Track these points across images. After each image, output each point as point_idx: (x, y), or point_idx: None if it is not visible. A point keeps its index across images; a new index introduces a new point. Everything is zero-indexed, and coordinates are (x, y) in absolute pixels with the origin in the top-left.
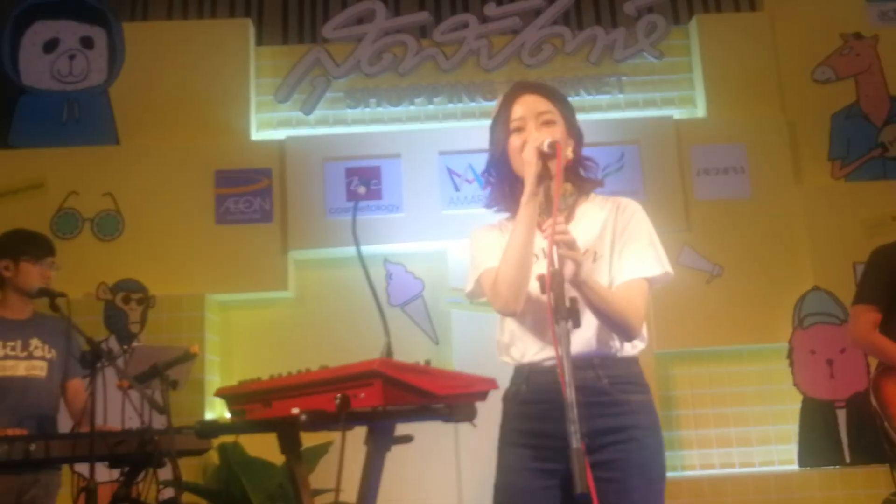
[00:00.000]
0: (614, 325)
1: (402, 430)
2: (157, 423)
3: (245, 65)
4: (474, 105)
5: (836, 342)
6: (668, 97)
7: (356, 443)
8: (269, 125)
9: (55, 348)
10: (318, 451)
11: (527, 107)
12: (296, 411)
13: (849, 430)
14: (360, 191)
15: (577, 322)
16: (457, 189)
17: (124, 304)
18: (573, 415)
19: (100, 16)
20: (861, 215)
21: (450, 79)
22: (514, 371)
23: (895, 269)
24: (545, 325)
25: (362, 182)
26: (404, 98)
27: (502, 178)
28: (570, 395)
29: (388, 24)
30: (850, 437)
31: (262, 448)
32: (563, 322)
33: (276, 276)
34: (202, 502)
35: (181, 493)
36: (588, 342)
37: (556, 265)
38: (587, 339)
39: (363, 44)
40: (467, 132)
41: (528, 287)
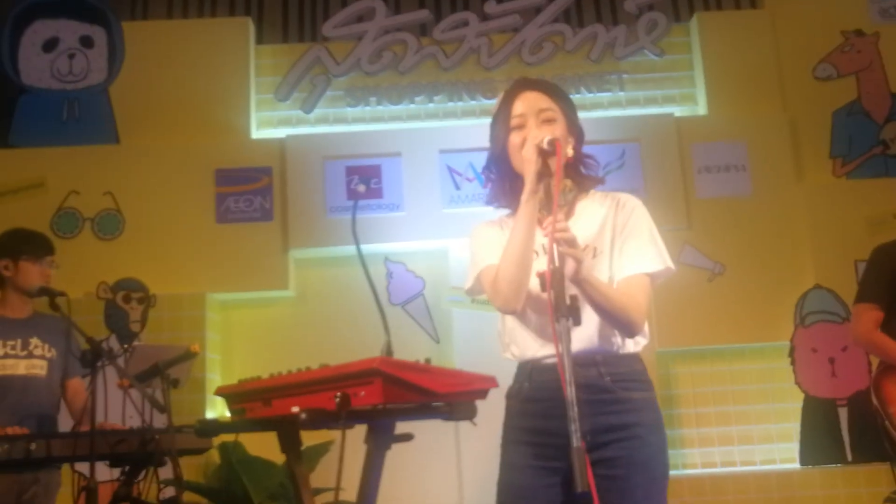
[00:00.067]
0: (616, 322)
1: (402, 428)
2: (158, 421)
3: (245, 63)
4: (475, 103)
5: (838, 340)
6: (668, 95)
7: (357, 441)
8: (269, 124)
9: (55, 347)
10: (318, 450)
11: (528, 104)
12: (296, 410)
13: (850, 428)
14: (361, 189)
15: (578, 320)
16: (457, 187)
17: (125, 304)
18: (574, 413)
19: (99, 15)
20: (863, 213)
21: (450, 77)
22: (517, 368)
23: None
24: (546, 323)
25: (363, 181)
26: (405, 96)
27: (503, 175)
28: (570, 394)
29: (389, 23)
30: (851, 436)
31: (262, 447)
32: (564, 320)
33: (276, 275)
34: (203, 501)
35: (182, 492)
36: (590, 339)
37: (557, 263)
38: (589, 335)
39: (363, 42)
40: (468, 130)
41: (528, 285)
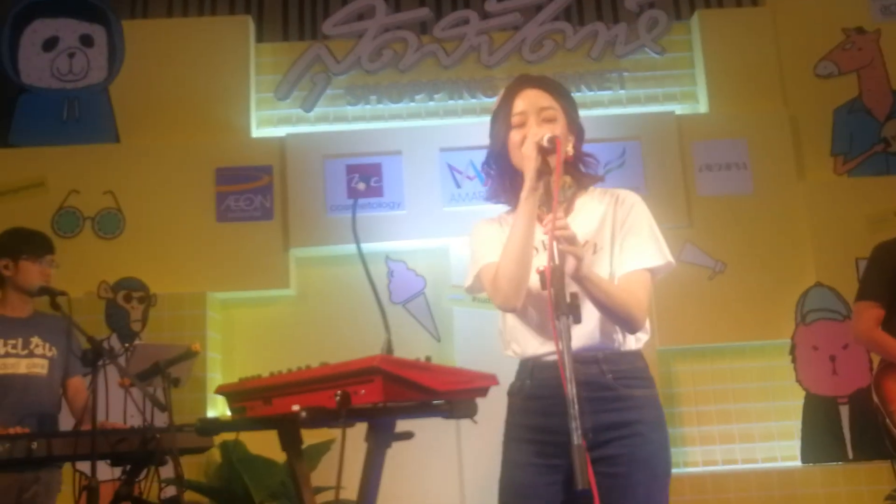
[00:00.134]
0: (617, 318)
1: (402, 426)
2: (159, 420)
3: (245, 62)
4: (475, 101)
5: (839, 338)
6: (669, 93)
7: (357, 440)
8: (269, 122)
9: (56, 346)
10: (320, 448)
11: (528, 101)
12: (296, 408)
13: (851, 426)
14: (361, 188)
15: (578, 318)
16: (458, 186)
17: (125, 303)
18: (574, 411)
19: (99, 13)
20: (864, 211)
21: (450, 75)
22: (518, 365)
23: None
24: (546, 320)
25: (363, 179)
26: (405, 95)
27: (502, 172)
28: (570, 391)
29: (389, 21)
30: (852, 434)
31: (263, 445)
32: (564, 317)
33: (277, 274)
34: (204, 500)
35: (183, 491)
36: (591, 336)
37: (556, 260)
38: (590, 332)
39: (363, 40)
40: (468, 129)
41: (528, 282)
